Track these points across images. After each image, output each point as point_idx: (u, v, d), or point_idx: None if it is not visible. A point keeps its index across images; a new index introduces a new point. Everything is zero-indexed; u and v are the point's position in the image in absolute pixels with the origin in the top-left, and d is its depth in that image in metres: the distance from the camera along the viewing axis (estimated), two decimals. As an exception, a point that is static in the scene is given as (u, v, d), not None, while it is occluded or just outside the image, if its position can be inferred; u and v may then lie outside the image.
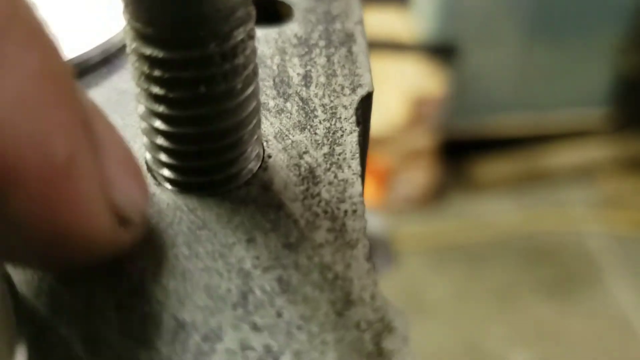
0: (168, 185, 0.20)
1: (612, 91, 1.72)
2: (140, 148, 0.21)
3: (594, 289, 1.49)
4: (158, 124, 0.19)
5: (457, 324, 1.39)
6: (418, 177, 1.60)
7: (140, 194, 0.17)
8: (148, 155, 0.21)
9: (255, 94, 0.19)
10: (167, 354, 0.16)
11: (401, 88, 1.50)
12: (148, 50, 0.18)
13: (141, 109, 0.19)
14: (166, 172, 0.20)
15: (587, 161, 1.77)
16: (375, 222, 0.81)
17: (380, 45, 1.47)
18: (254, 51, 0.19)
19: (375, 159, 1.47)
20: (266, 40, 0.26)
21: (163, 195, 0.20)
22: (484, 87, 1.64)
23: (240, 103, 0.19)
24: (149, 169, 0.21)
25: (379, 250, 0.81)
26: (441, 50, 1.54)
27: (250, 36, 0.18)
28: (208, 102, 0.18)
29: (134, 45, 0.18)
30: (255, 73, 0.19)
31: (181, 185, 0.20)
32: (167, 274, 0.18)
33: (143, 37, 0.17)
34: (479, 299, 1.45)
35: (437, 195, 1.65)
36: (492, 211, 1.65)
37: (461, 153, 1.70)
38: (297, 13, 0.27)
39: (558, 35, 1.61)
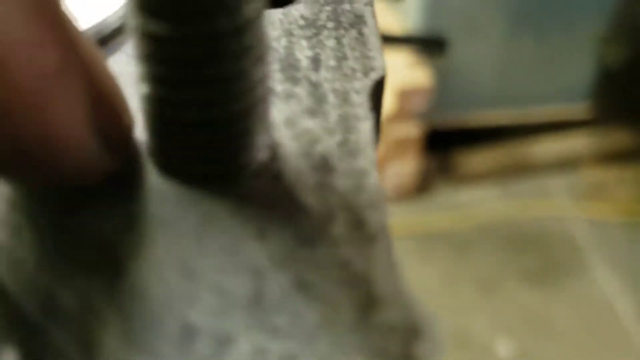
0: (170, 175, 0.19)
1: (595, 83, 1.72)
2: (139, 134, 0.20)
3: (578, 276, 1.50)
4: (161, 108, 0.18)
5: (442, 311, 1.39)
6: (404, 167, 1.60)
7: (125, 123, 0.18)
8: (149, 141, 0.19)
9: (265, 77, 0.18)
10: (175, 358, 0.15)
11: (388, 80, 1.49)
12: (152, 27, 0.16)
13: (143, 90, 0.18)
14: (169, 161, 0.19)
15: (570, 152, 1.78)
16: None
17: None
18: (264, 31, 0.17)
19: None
20: (271, 21, 0.24)
21: (166, 185, 0.19)
22: (469, 79, 1.64)
23: (250, 86, 0.17)
24: (150, 155, 0.19)
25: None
26: (428, 43, 1.54)
27: (260, 14, 0.17)
28: (215, 84, 0.17)
29: (137, 22, 0.16)
30: (265, 55, 0.18)
31: (185, 175, 0.19)
32: (173, 271, 0.16)
33: (147, 12, 0.16)
34: (464, 287, 1.45)
35: (423, 185, 1.65)
36: (477, 201, 1.65)
37: (447, 144, 1.70)
38: (303, -6, 0.26)
39: (541, 28, 1.61)
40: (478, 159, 1.71)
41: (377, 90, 0.22)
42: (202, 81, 0.17)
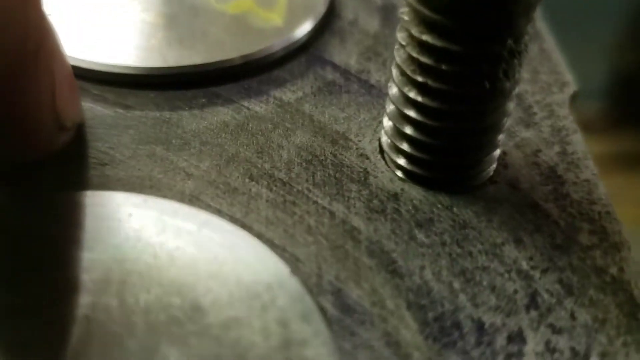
0: (412, 180, 0.20)
1: (608, 88, 1.75)
2: (371, 141, 0.21)
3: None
4: (418, 116, 0.19)
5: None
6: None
7: (76, 107, 0.20)
8: (387, 143, 0.20)
9: (517, 91, 0.19)
10: (478, 357, 0.16)
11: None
12: (440, 42, 0.17)
13: (397, 95, 0.19)
14: (413, 168, 0.20)
15: (579, 155, 1.80)
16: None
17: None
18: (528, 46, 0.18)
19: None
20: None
21: (412, 191, 0.20)
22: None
23: (510, 99, 0.19)
24: (386, 158, 0.20)
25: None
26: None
27: (532, 32, 0.18)
28: (484, 98, 0.18)
29: (422, 36, 0.17)
30: (521, 73, 0.19)
31: (428, 182, 0.20)
32: (448, 272, 0.18)
33: (438, 28, 0.17)
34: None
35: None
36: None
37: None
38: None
39: (556, 31, 1.63)
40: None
41: (571, 105, 0.23)
42: (473, 96, 0.18)
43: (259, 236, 0.18)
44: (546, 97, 0.23)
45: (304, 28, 0.25)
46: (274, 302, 0.16)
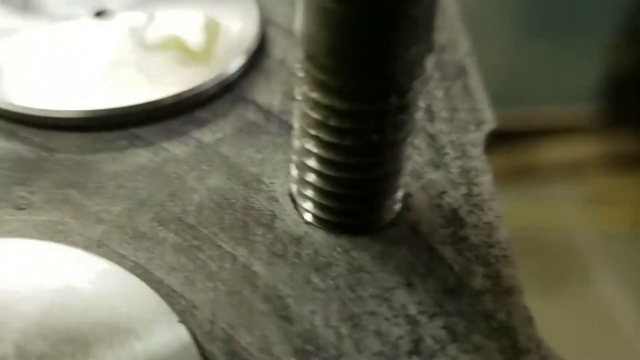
0: (316, 224, 0.20)
1: (603, 88, 1.75)
2: (282, 183, 0.22)
3: (581, 285, 1.52)
4: (316, 165, 0.19)
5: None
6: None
7: None
8: (295, 188, 0.21)
9: (413, 138, 0.20)
10: (354, 402, 0.17)
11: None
12: (327, 101, 0.18)
13: (298, 146, 0.20)
14: (317, 212, 0.20)
15: (576, 157, 1.80)
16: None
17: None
18: (421, 99, 0.19)
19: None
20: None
21: (315, 234, 0.20)
22: (478, 82, 1.65)
23: (403, 149, 0.19)
24: (296, 205, 0.21)
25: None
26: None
27: (422, 86, 0.19)
28: (375, 150, 0.19)
29: (312, 95, 0.18)
30: (417, 119, 0.19)
31: (331, 225, 0.20)
32: (338, 317, 0.18)
33: (326, 88, 0.18)
34: (469, 292, 1.47)
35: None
36: (484, 205, 1.66)
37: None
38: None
39: (550, 32, 1.63)
40: (485, 163, 1.73)
41: (488, 142, 0.24)
42: (363, 148, 0.18)
43: (160, 283, 0.19)
44: (461, 136, 0.24)
45: (232, 67, 0.25)
46: (159, 351, 0.17)
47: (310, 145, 0.19)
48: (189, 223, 0.20)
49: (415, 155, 0.23)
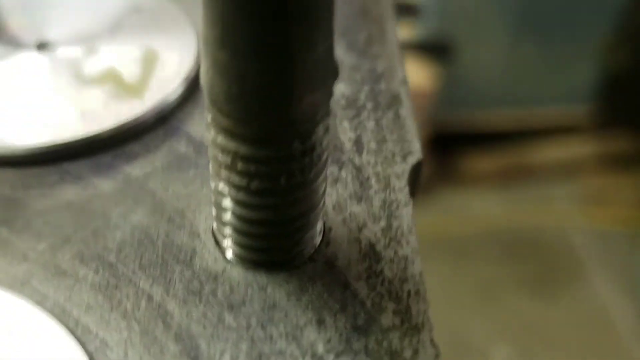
0: (235, 260, 0.21)
1: (598, 88, 1.75)
2: (206, 218, 0.22)
3: (577, 285, 1.52)
4: (232, 206, 0.20)
5: (440, 317, 1.41)
6: (407, 171, 1.61)
7: None
8: (216, 227, 0.21)
9: (325, 177, 0.20)
10: None
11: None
12: (233, 146, 0.18)
13: (215, 187, 0.20)
14: (235, 249, 0.21)
15: (572, 157, 1.80)
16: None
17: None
18: (328, 141, 0.19)
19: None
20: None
21: (233, 271, 0.21)
22: (472, 82, 1.66)
23: (314, 189, 0.20)
24: (216, 241, 0.21)
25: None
26: (433, 48, 1.56)
27: (327, 129, 0.19)
28: (285, 192, 0.19)
29: (218, 139, 0.18)
30: (327, 159, 0.20)
31: (249, 262, 0.21)
32: (246, 357, 0.19)
33: (230, 133, 0.18)
34: (463, 293, 1.48)
35: (425, 188, 1.67)
36: (478, 205, 1.67)
37: (449, 147, 1.72)
38: (343, 71, 0.28)
39: (546, 32, 1.63)
40: (480, 163, 1.73)
41: (414, 174, 0.24)
42: (272, 190, 0.19)
43: (77, 322, 0.19)
44: (387, 168, 0.24)
45: (168, 99, 0.26)
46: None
47: (222, 187, 0.19)
48: (109, 261, 0.21)
49: (340, 188, 0.23)
